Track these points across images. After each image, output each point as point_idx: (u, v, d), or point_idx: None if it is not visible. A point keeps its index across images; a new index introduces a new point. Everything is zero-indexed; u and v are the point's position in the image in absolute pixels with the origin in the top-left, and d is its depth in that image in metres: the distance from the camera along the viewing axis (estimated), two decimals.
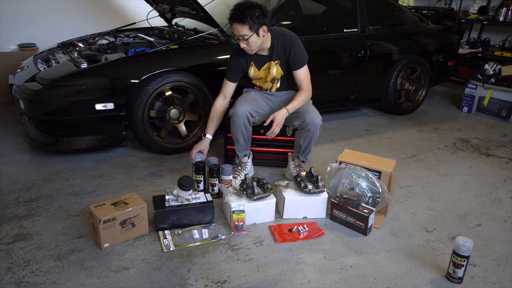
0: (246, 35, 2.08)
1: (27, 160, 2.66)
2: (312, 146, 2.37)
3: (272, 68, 2.32)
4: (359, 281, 1.66)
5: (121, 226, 1.79)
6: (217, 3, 3.75)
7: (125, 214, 1.79)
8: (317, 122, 2.25)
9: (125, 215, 1.79)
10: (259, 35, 2.11)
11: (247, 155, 2.44)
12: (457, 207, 2.30)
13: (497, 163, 2.92)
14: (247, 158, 2.45)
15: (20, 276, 1.61)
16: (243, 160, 2.44)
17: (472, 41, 5.24)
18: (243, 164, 2.44)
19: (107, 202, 1.84)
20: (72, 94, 2.39)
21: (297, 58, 2.25)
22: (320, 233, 1.96)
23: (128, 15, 4.34)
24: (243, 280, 1.64)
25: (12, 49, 3.96)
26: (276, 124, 2.15)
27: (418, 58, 3.80)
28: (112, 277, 1.62)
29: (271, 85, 2.40)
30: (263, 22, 2.08)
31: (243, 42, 2.13)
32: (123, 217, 1.79)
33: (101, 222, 1.72)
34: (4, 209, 2.08)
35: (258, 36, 2.11)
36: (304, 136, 2.30)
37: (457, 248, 1.62)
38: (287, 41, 2.24)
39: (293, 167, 2.46)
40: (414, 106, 4.02)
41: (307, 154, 2.40)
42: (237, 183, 2.30)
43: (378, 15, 3.62)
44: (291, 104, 2.21)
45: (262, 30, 2.11)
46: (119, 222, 1.78)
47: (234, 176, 2.36)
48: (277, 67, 2.32)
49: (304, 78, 2.29)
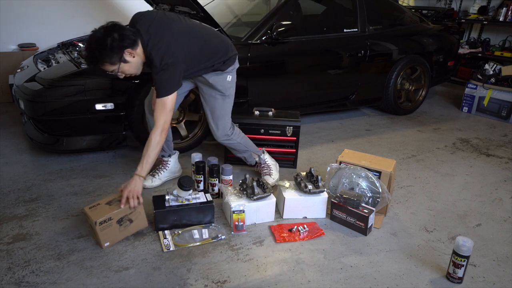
0: (115, 70, 1.81)
1: (27, 160, 2.66)
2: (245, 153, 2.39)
3: None
4: (359, 281, 1.66)
5: (118, 224, 1.78)
6: (217, 3, 3.76)
7: (121, 213, 1.77)
8: (219, 138, 2.23)
9: (120, 213, 1.77)
10: (126, 61, 1.79)
11: (164, 156, 2.39)
12: (457, 207, 2.30)
13: (497, 163, 2.92)
14: (166, 159, 2.41)
15: (20, 276, 1.61)
16: (161, 158, 2.39)
17: (472, 41, 5.24)
18: (164, 163, 2.41)
19: (102, 201, 1.82)
20: (72, 94, 2.39)
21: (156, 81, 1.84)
22: (320, 233, 1.96)
23: (128, 15, 4.32)
24: (243, 280, 1.64)
25: (12, 49, 3.96)
26: (124, 195, 1.79)
27: (418, 58, 3.80)
28: (112, 277, 1.62)
29: None
30: (122, 49, 1.75)
31: (119, 74, 1.84)
32: (119, 215, 1.77)
33: (97, 224, 1.70)
34: (4, 209, 2.08)
35: (127, 62, 1.80)
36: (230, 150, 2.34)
37: (457, 248, 1.62)
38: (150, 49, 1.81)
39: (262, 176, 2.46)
40: (414, 106, 4.02)
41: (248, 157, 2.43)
42: (154, 183, 2.35)
43: (378, 15, 3.62)
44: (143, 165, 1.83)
45: (127, 54, 1.78)
46: (115, 221, 1.77)
47: (152, 174, 2.37)
48: None
49: (157, 109, 1.85)
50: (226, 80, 2.13)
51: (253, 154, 2.43)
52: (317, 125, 3.58)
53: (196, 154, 2.31)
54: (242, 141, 2.33)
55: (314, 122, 3.63)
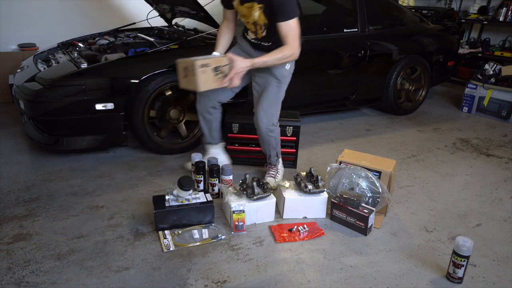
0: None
1: (27, 160, 2.66)
2: (273, 151, 2.35)
3: (255, 11, 1.96)
4: (359, 281, 1.66)
5: (214, 72, 1.91)
6: (217, 3, 3.75)
7: (218, 61, 1.92)
8: (262, 125, 2.18)
9: (218, 62, 1.92)
10: None
11: (211, 143, 2.46)
12: (457, 207, 2.30)
13: (497, 163, 2.92)
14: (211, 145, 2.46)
15: (20, 276, 1.61)
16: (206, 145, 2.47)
17: (472, 41, 5.25)
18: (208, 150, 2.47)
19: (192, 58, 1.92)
20: (72, 94, 2.39)
21: (282, 10, 1.88)
22: (320, 233, 1.96)
23: (128, 15, 4.34)
24: (243, 280, 1.64)
25: (12, 49, 3.96)
26: (233, 72, 1.90)
27: (418, 58, 3.80)
28: (112, 277, 1.62)
29: (254, 29, 2.08)
30: None
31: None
32: (216, 64, 1.91)
33: (198, 66, 1.83)
34: (4, 209, 2.08)
35: None
36: (261, 141, 2.30)
37: (457, 248, 1.62)
38: None
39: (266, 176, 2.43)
40: (414, 106, 4.02)
41: (271, 157, 2.40)
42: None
43: (378, 15, 3.62)
44: (261, 57, 1.95)
45: None
46: (212, 68, 1.89)
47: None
48: (260, 13, 1.96)
49: (288, 32, 1.92)
50: (284, 67, 2.14)
51: (277, 154, 2.43)
52: (317, 125, 3.58)
53: (196, 154, 2.32)
54: (277, 138, 2.35)
55: (314, 122, 3.63)
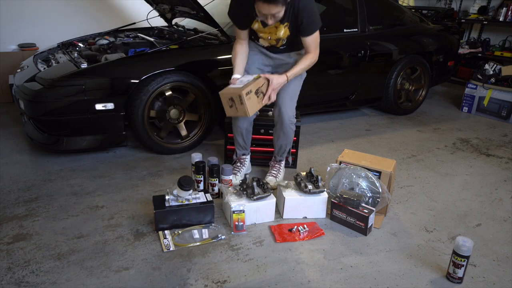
0: (278, 12, 1.91)
1: (27, 160, 2.66)
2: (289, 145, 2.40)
3: (280, 30, 2.09)
4: (359, 281, 1.66)
5: (256, 95, 2.04)
6: (217, 3, 3.75)
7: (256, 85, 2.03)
8: (286, 118, 2.22)
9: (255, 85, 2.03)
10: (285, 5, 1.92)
11: (245, 154, 2.49)
12: (457, 207, 2.30)
13: (497, 163, 2.92)
14: (245, 156, 2.50)
15: (20, 276, 1.61)
16: (241, 157, 2.48)
17: (472, 41, 5.25)
18: (242, 160, 2.48)
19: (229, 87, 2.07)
20: (72, 94, 2.39)
21: (309, 27, 2.06)
22: (320, 233, 1.96)
23: (128, 15, 4.34)
24: (243, 280, 1.64)
25: (12, 49, 3.96)
26: (271, 89, 2.08)
27: (418, 58, 3.80)
28: (112, 277, 1.62)
29: (275, 43, 2.19)
30: None
31: (271, 19, 1.94)
32: (256, 87, 2.03)
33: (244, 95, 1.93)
34: (4, 209, 2.08)
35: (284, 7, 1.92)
36: (281, 135, 2.32)
37: (457, 248, 1.62)
38: (301, 7, 1.99)
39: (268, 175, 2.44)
40: (414, 106, 4.02)
41: (284, 153, 2.43)
42: (238, 179, 2.36)
43: (378, 15, 3.62)
44: (292, 70, 2.13)
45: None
46: (254, 92, 2.01)
47: (234, 172, 2.39)
48: (285, 29, 2.09)
49: (313, 43, 2.12)
50: None
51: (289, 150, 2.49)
52: (317, 125, 3.58)
53: (196, 154, 2.32)
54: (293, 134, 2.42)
55: (314, 122, 3.63)
